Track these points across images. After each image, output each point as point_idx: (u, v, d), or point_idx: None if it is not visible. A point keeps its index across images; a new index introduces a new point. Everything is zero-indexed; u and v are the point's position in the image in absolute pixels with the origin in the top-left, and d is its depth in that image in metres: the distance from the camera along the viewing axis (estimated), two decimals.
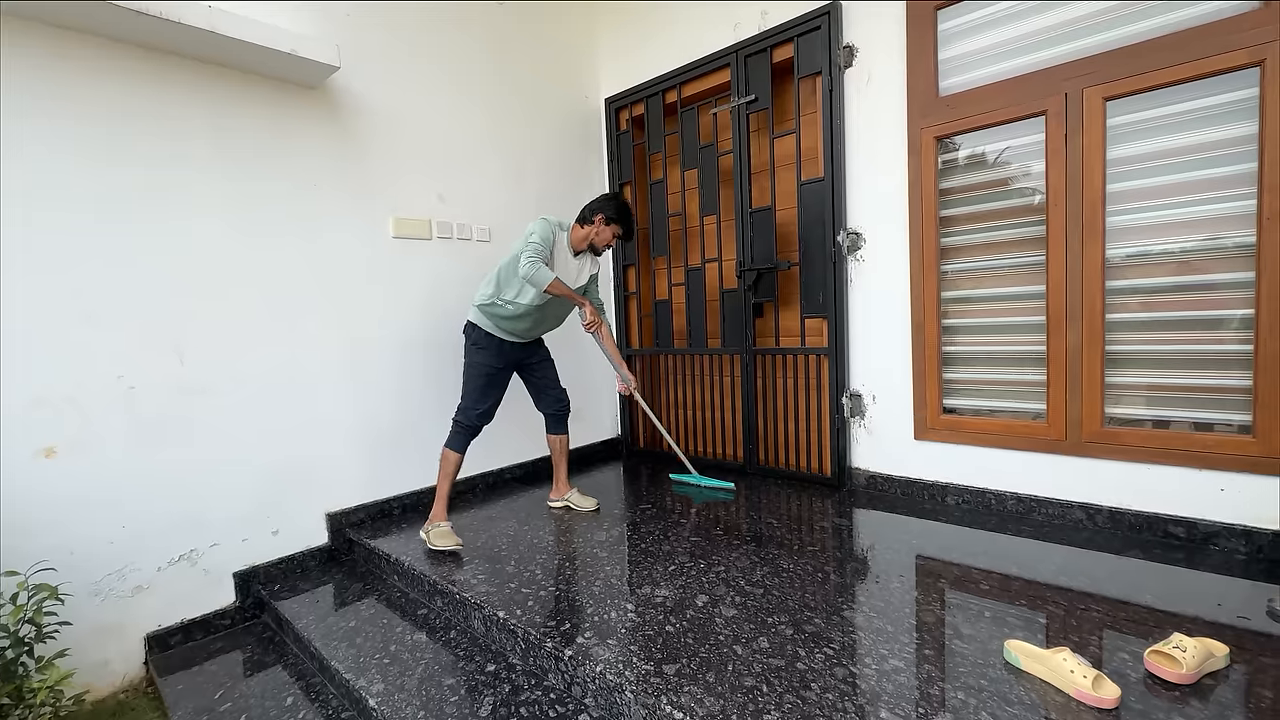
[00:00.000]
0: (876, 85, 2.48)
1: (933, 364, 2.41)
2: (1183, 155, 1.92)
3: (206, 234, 2.08)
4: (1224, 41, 1.79)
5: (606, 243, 2.41)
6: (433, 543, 2.15)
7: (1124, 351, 2.05)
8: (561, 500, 2.60)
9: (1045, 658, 1.27)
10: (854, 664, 1.36)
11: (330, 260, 2.41)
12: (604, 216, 2.36)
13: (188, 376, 2.03)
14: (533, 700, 1.46)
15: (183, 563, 2.04)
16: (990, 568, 1.83)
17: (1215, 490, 1.89)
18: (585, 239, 2.39)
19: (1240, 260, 1.85)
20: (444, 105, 2.79)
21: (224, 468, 2.12)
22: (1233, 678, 1.27)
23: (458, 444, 2.32)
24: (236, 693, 1.73)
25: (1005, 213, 2.26)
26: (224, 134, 2.11)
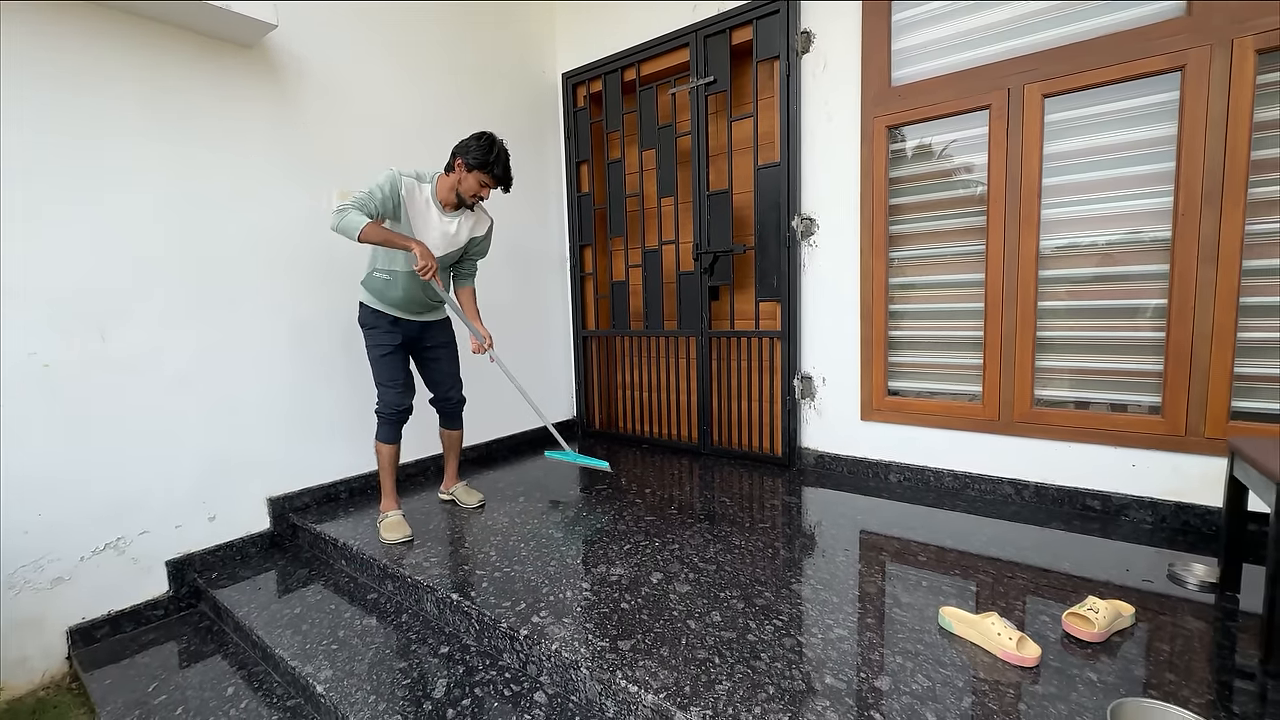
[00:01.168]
0: (832, 72, 2.51)
1: (880, 348, 2.51)
2: (1110, 153, 2.03)
3: (132, 202, 1.93)
4: (1150, 46, 1.90)
5: (473, 194, 2.04)
6: (383, 535, 2.07)
7: (1052, 337, 2.19)
8: (448, 494, 2.46)
9: (975, 622, 1.36)
10: (801, 634, 1.42)
11: (270, 234, 2.28)
12: (464, 161, 1.99)
13: (112, 355, 1.90)
14: (487, 680, 1.46)
15: (109, 551, 1.92)
16: (928, 540, 1.93)
17: (1128, 466, 2.05)
18: (451, 189, 2.05)
19: (1156, 253, 1.99)
20: (392, 74, 2.66)
21: (154, 452, 2.00)
22: (1137, 635, 1.39)
23: (386, 435, 2.15)
24: (172, 684, 1.66)
25: (950, 202, 2.35)
26: (152, 94, 1.95)
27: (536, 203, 3.42)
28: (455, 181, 2.03)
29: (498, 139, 2.02)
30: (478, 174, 2.00)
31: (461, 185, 2.03)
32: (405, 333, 2.14)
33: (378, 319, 2.11)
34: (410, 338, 2.17)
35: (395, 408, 2.12)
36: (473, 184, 2.02)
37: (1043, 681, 1.23)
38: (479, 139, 2.00)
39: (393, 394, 2.12)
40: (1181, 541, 1.88)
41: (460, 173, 2.01)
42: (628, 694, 1.25)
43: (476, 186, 2.03)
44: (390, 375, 2.11)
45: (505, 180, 2.06)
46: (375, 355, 2.11)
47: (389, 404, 2.12)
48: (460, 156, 2.00)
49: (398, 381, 2.13)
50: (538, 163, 3.41)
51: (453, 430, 2.41)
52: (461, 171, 2.01)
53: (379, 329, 2.11)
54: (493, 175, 2.01)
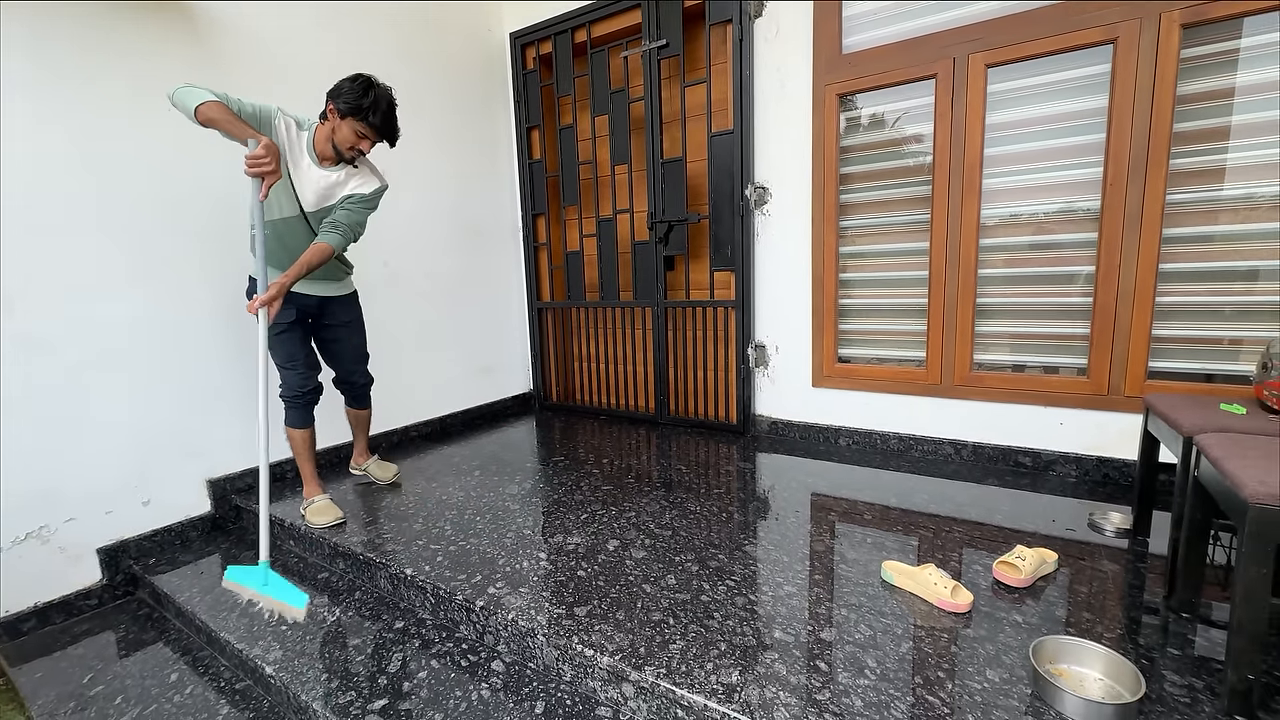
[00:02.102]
0: (784, 38, 2.49)
1: (830, 316, 2.56)
2: (1048, 124, 2.10)
3: (40, 165, 1.76)
4: (1086, 18, 1.95)
5: (350, 145, 1.75)
6: (311, 521, 1.95)
7: (991, 304, 2.28)
8: (360, 469, 2.36)
9: (914, 574, 1.44)
10: (753, 592, 1.47)
11: (196, 199, 2.12)
12: (334, 106, 1.70)
13: (21, 329, 1.75)
14: (444, 653, 1.46)
15: (31, 541, 1.81)
16: (873, 500, 2.02)
17: (1056, 424, 2.18)
18: (326, 140, 1.76)
19: (1087, 222, 2.08)
20: (328, 29, 2.50)
21: (76, 434, 1.88)
22: (1060, 579, 1.50)
23: (295, 419, 1.98)
24: (109, 674, 1.59)
25: (898, 172, 2.39)
26: (47, 44, 1.76)
27: (486, 170, 3.31)
28: (330, 131, 1.74)
29: (378, 82, 1.75)
30: (351, 122, 1.71)
31: (336, 135, 1.73)
32: (300, 306, 1.91)
33: None
34: (307, 313, 1.95)
35: (299, 389, 1.94)
36: (347, 134, 1.73)
37: (974, 625, 1.31)
38: (353, 80, 1.72)
39: (294, 376, 1.93)
40: (1101, 493, 2.02)
41: (333, 120, 1.72)
42: (584, 658, 1.27)
43: (352, 137, 1.73)
44: (289, 355, 1.91)
45: (387, 131, 1.78)
46: (272, 334, 1.84)
47: (291, 387, 1.94)
48: (331, 101, 1.71)
49: (298, 361, 1.93)
50: (487, 127, 3.29)
51: (360, 410, 2.26)
52: (334, 119, 1.72)
53: None
54: (368, 124, 1.72)
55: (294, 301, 1.87)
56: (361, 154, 1.82)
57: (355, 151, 1.79)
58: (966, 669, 1.17)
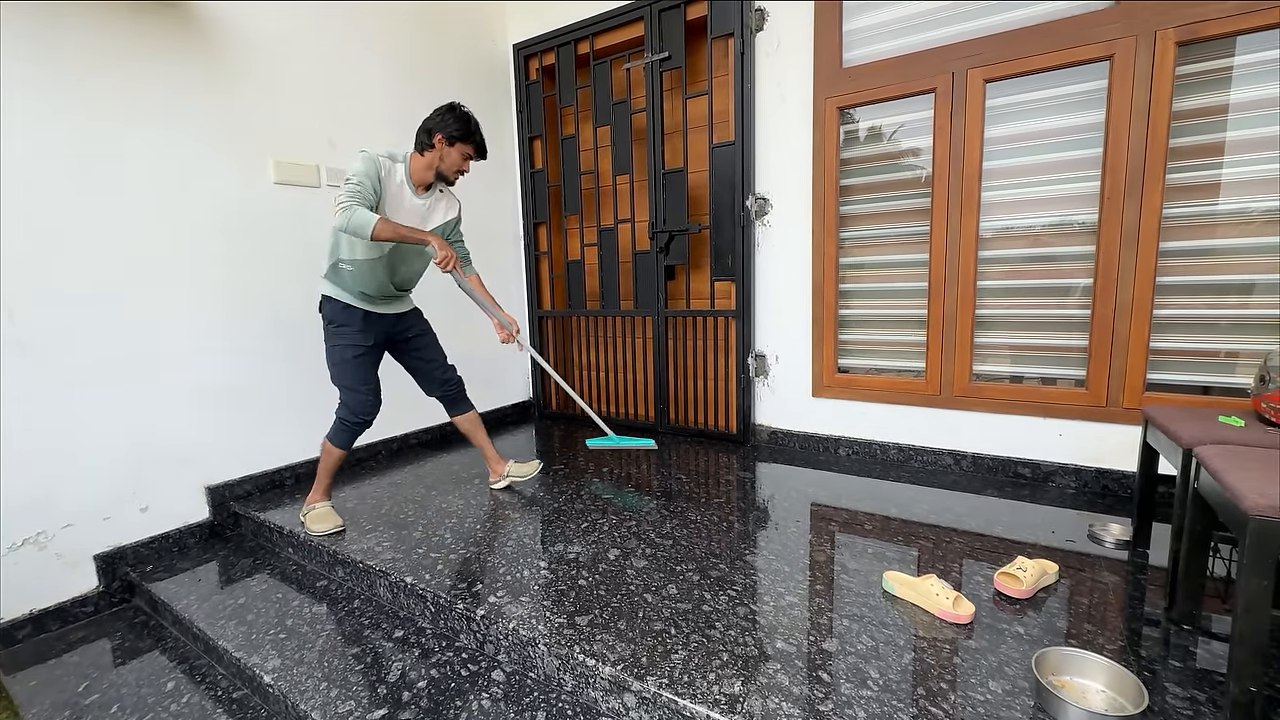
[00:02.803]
0: (785, 51, 2.52)
1: (830, 326, 2.57)
2: (1045, 138, 2.13)
3: (41, 170, 1.76)
4: (1082, 35, 1.98)
5: (456, 168, 1.96)
6: (310, 528, 1.94)
7: (989, 315, 2.29)
8: (503, 480, 2.30)
9: (916, 584, 1.44)
10: (754, 603, 1.47)
11: (199, 205, 2.13)
12: (444, 135, 1.90)
13: (21, 335, 1.75)
14: (444, 662, 1.45)
15: (28, 547, 1.79)
16: (874, 510, 2.02)
17: (1055, 435, 2.19)
18: (430, 168, 1.94)
19: (1085, 235, 2.10)
20: (334, 40, 2.52)
21: (76, 441, 1.87)
22: (1060, 590, 1.50)
23: (342, 440, 1.99)
24: (105, 683, 1.58)
25: (898, 184, 2.42)
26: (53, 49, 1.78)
27: (489, 179, 3.33)
28: (434, 159, 1.93)
29: (468, 108, 1.95)
30: (460, 146, 1.93)
31: (443, 162, 1.94)
32: (378, 331, 2.00)
33: (349, 315, 1.94)
34: (384, 335, 2.03)
35: (363, 415, 1.97)
36: (456, 158, 1.94)
37: (975, 636, 1.31)
38: (453, 111, 1.91)
39: (360, 399, 1.96)
40: (1101, 504, 2.02)
41: (441, 148, 1.91)
42: (585, 667, 1.27)
43: (460, 160, 1.95)
44: (362, 378, 1.96)
45: (484, 148, 2.01)
46: (346, 355, 1.93)
47: (357, 411, 1.96)
48: (439, 132, 1.90)
49: (369, 386, 1.98)
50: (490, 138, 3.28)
51: (466, 412, 2.25)
52: (442, 147, 1.91)
53: (350, 327, 1.93)
54: (475, 144, 1.95)
55: (372, 324, 1.98)
56: (464, 174, 2.02)
57: (460, 173, 2.00)
58: (969, 680, 1.17)
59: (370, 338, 1.97)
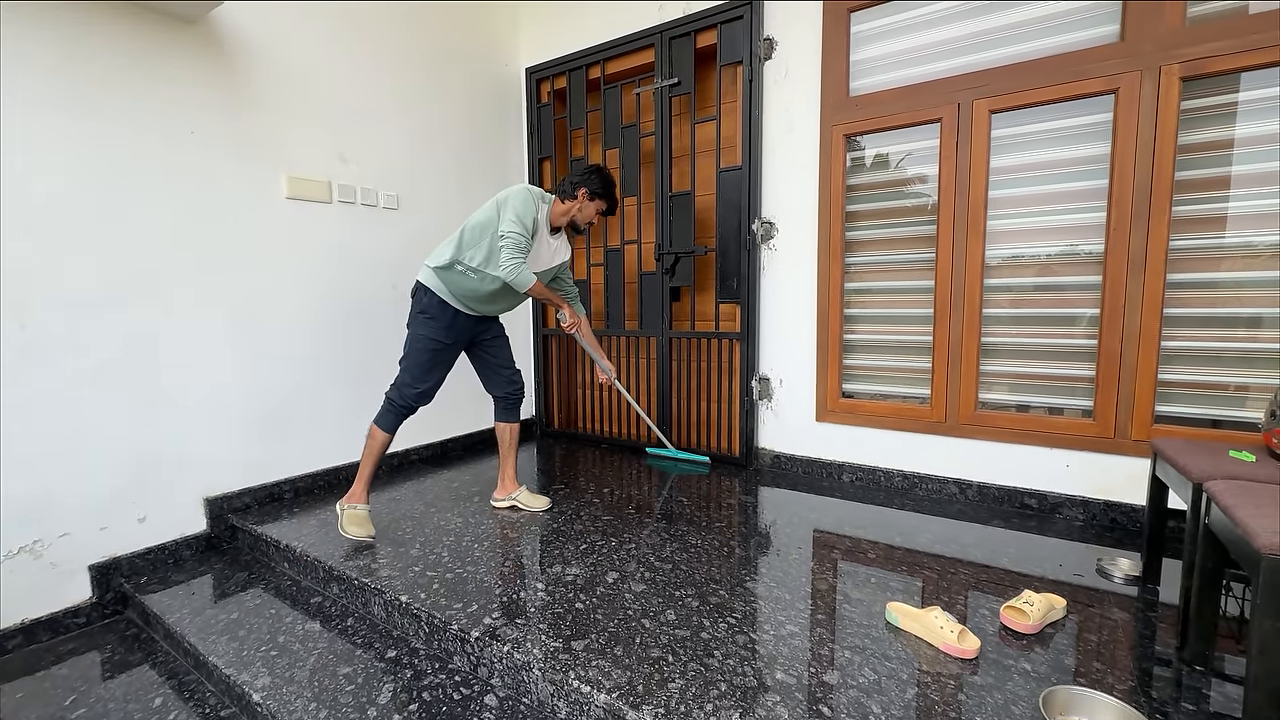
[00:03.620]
0: (793, 79, 2.56)
1: (835, 351, 2.57)
2: (1051, 169, 2.14)
3: (46, 179, 1.79)
4: (1087, 69, 2.01)
5: (589, 220, 2.18)
6: (345, 527, 1.96)
7: (995, 343, 2.28)
8: (508, 499, 2.29)
9: (919, 616, 1.41)
10: (754, 631, 1.44)
11: (209, 219, 2.16)
12: (588, 191, 2.11)
13: (23, 340, 1.75)
14: (436, 684, 1.42)
15: (24, 555, 1.78)
16: (877, 539, 1.99)
17: (1062, 466, 2.16)
18: (566, 215, 2.14)
19: (1091, 265, 2.10)
20: (347, 58, 2.57)
21: (76, 449, 1.87)
22: (1068, 626, 1.46)
23: (388, 423, 2.04)
24: (93, 697, 1.55)
25: (903, 211, 2.43)
26: (78, 66, 1.82)
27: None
28: (573, 209, 2.13)
29: (609, 172, 2.18)
30: (599, 203, 2.14)
31: (580, 213, 2.14)
32: (460, 331, 2.09)
33: (442, 310, 2.04)
34: (469, 335, 2.14)
35: (411, 401, 2.04)
36: (591, 212, 2.15)
37: (981, 672, 1.27)
38: (599, 173, 2.13)
39: (416, 390, 2.03)
40: (1109, 537, 1.99)
41: (582, 201, 2.11)
42: (580, 694, 1.24)
43: (594, 215, 2.17)
44: (427, 370, 2.04)
45: (614, 209, 2.22)
46: (422, 345, 2.03)
47: (407, 395, 2.02)
48: (584, 186, 2.10)
49: (432, 378, 2.06)
50: (500, 158, 3.36)
51: (513, 423, 2.30)
52: (584, 200, 2.11)
53: (438, 322, 2.03)
54: (610, 202, 2.17)
55: (458, 327, 2.08)
56: (592, 225, 2.24)
57: (591, 224, 2.22)
58: (975, 718, 1.13)
59: (452, 336, 2.07)
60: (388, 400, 2.05)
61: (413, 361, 2.04)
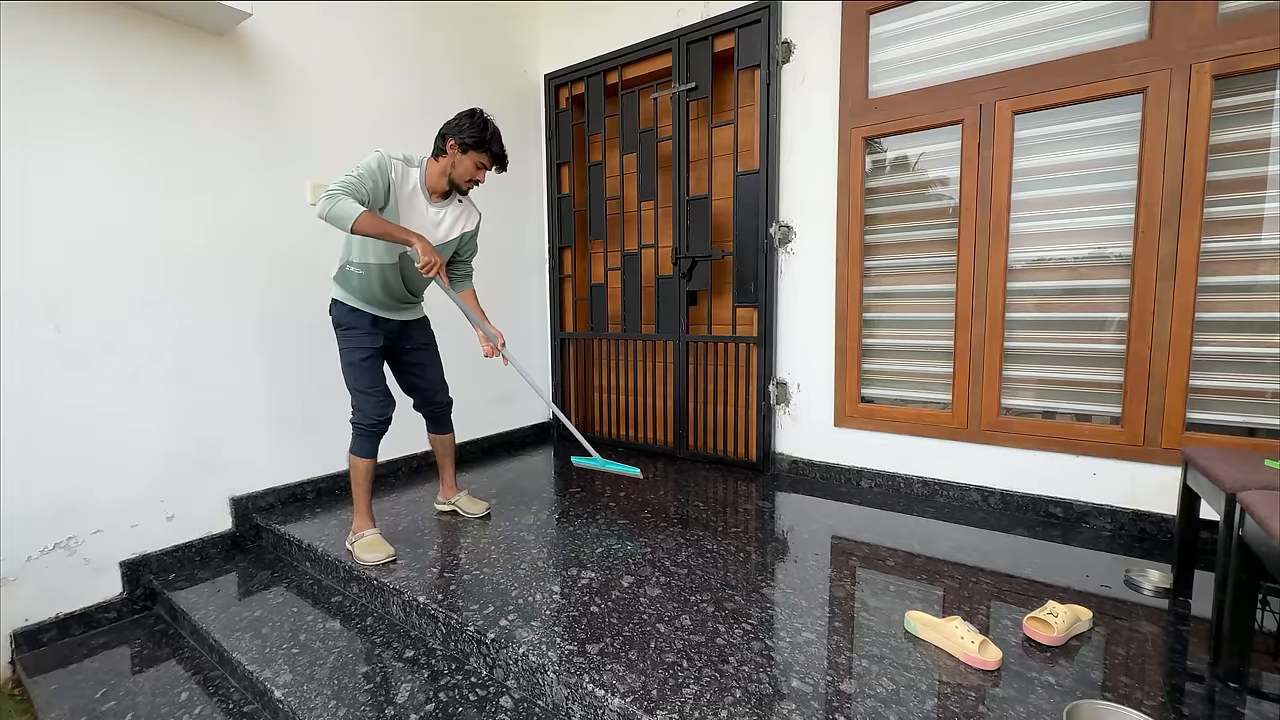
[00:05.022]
0: (811, 83, 2.55)
1: (854, 355, 2.54)
2: (1076, 170, 2.10)
3: (91, 189, 1.86)
4: (1114, 69, 1.96)
5: (469, 178, 1.87)
6: (360, 557, 1.86)
7: (1019, 348, 2.24)
8: (449, 504, 2.28)
9: (939, 626, 1.38)
10: (770, 638, 1.42)
11: (237, 225, 2.22)
12: (457, 142, 1.81)
13: (66, 346, 1.83)
14: (452, 685, 1.43)
15: (59, 551, 1.84)
16: (896, 546, 1.96)
17: (1089, 474, 2.11)
18: (442, 175, 1.86)
19: (1119, 269, 2.05)
20: (368, 67, 2.63)
21: (110, 448, 1.93)
22: (1094, 639, 1.42)
23: (364, 449, 1.92)
24: (122, 690, 1.60)
25: (924, 214, 2.40)
26: (116, 77, 1.89)
27: (516, 203, 3.40)
28: (447, 166, 1.85)
29: (488, 115, 1.87)
30: (474, 154, 1.84)
31: (455, 170, 1.85)
32: (386, 334, 1.96)
33: (356, 318, 1.90)
34: (391, 339, 1.99)
35: (377, 418, 1.91)
36: (468, 166, 1.85)
37: (1003, 684, 1.25)
38: (470, 116, 1.83)
39: (373, 403, 1.90)
40: (1138, 548, 1.93)
41: (453, 155, 1.83)
42: (594, 698, 1.24)
43: (472, 169, 1.86)
44: (371, 381, 1.91)
45: (503, 159, 1.91)
46: (354, 359, 1.90)
47: (370, 414, 1.90)
48: (452, 137, 1.82)
49: (379, 388, 1.93)
50: (519, 163, 3.38)
51: (444, 434, 2.23)
52: (455, 153, 1.83)
53: (358, 330, 1.89)
54: (490, 153, 1.86)
55: (380, 328, 1.94)
56: (477, 184, 1.93)
57: (473, 183, 1.91)
58: None
59: (378, 340, 1.93)
60: (354, 426, 1.93)
61: (354, 378, 1.91)
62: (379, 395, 1.93)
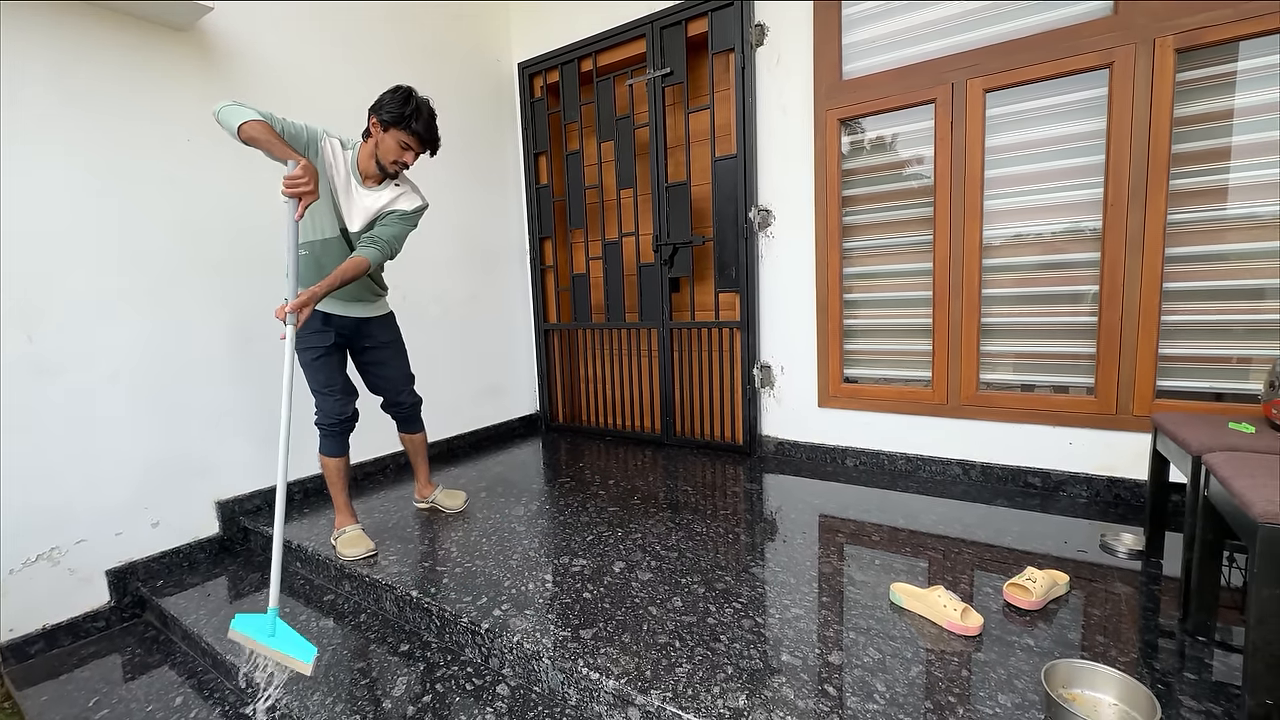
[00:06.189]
0: (786, 65, 2.55)
1: (835, 336, 2.57)
2: (1047, 146, 2.13)
3: (54, 192, 1.81)
4: (1080, 44, 1.99)
5: (394, 159, 1.74)
6: (342, 553, 1.87)
7: (996, 324, 2.28)
8: (426, 502, 2.27)
9: (923, 596, 1.42)
10: (760, 615, 1.46)
11: (209, 225, 2.18)
12: (379, 119, 1.70)
13: (36, 351, 1.79)
14: (449, 676, 1.45)
15: (42, 563, 1.82)
16: (881, 521, 2.00)
17: (1065, 444, 2.16)
18: (370, 157, 1.76)
19: (1090, 242, 2.09)
20: (335, 62, 2.57)
21: (89, 456, 1.90)
22: (1071, 602, 1.48)
23: (330, 448, 1.91)
24: (115, 698, 1.59)
25: (900, 194, 2.42)
26: (73, 78, 1.84)
27: (494, 194, 3.37)
28: (373, 146, 1.74)
29: (416, 92, 1.75)
30: (395, 132, 1.70)
31: (379, 149, 1.73)
32: (339, 330, 1.87)
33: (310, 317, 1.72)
34: (346, 336, 1.91)
35: (337, 417, 1.88)
36: (390, 145, 1.72)
37: (985, 649, 1.29)
38: (393, 92, 1.72)
39: (332, 402, 1.86)
40: (1113, 513, 1.99)
41: (376, 134, 1.72)
42: (589, 681, 1.26)
43: (396, 149, 1.72)
44: (326, 380, 1.86)
45: (429, 140, 1.77)
46: (307, 359, 1.84)
47: (329, 414, 1.87)
48: (374, 114, 1.70)
49: (335, 387, 1.87)
50: (495, 154, 3.36)
51: (414, 434, 2.20)
52: (377, 132, 1.71)
53: (307, 329, 1.78)
54: (411, 132, 1.71)
55: (332, 325, 1.86)
56: (405, 166, 1.79)
57: (399, 165, 1.77)
58: (978, 694, 1.15)
59: (329, 337, 1.85)
60: (318, 427, 1.90)
61: (310, 378, 1.86)
62: (336, 394, 1.88)
